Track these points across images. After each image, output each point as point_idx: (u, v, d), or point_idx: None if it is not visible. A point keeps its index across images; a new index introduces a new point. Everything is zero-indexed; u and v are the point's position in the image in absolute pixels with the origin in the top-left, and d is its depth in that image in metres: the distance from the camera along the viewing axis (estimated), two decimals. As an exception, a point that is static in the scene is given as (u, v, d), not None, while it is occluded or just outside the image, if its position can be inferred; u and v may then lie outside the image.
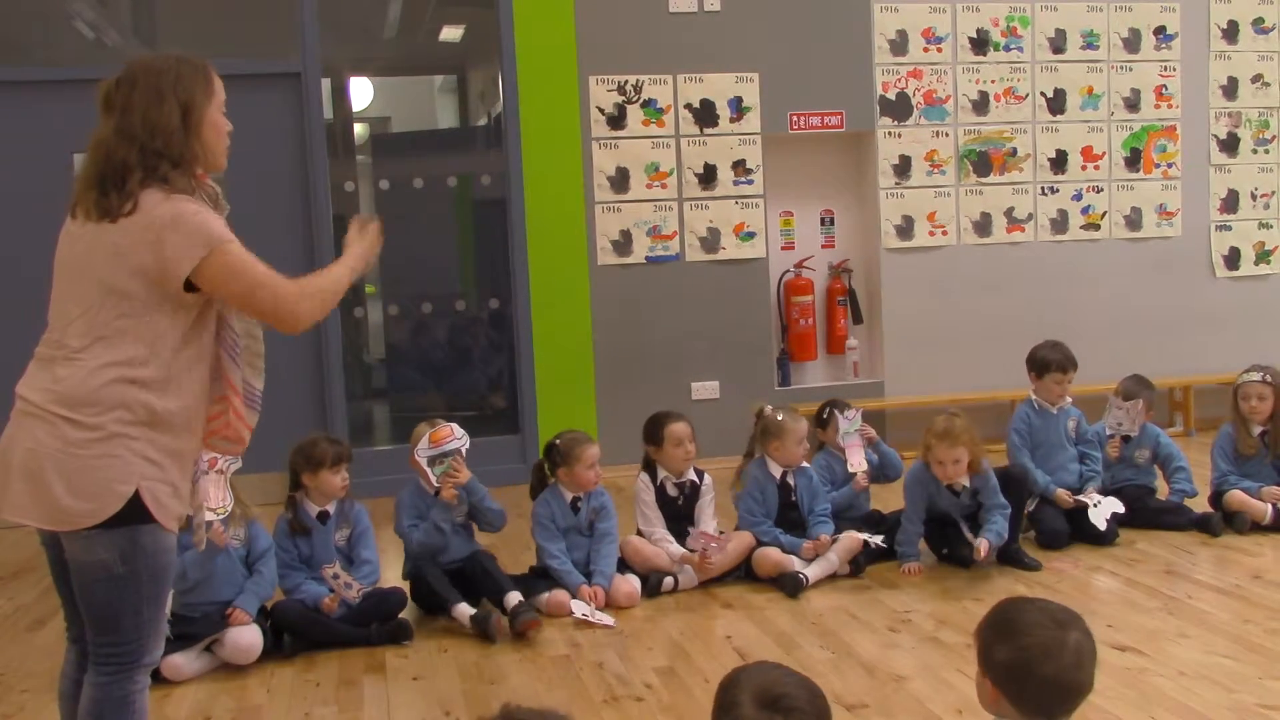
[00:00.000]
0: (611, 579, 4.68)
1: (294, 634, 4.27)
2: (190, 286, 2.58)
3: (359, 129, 8.06)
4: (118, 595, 2.57)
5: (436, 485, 4.57)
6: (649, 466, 5.05)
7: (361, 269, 2.93)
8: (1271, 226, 8.26)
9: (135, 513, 2.53)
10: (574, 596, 4.58)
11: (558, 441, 4.83)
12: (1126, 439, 5.50)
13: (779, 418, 5.04)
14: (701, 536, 4.79)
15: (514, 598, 4.46)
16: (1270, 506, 5.27)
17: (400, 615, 4.42)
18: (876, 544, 4.89)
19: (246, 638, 4.15)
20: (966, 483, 4.94)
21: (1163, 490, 5.53)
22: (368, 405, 7.88)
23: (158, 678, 3.73)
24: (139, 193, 2.57)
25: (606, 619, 4.48)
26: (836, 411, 5.26)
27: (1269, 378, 5.41)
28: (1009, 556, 4.98)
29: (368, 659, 4.21)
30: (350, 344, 7.30)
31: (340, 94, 7.62)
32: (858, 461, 5.16)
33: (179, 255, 2.54)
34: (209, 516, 4.12)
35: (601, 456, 4.87)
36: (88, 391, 2.52)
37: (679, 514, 5.00)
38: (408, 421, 7.69)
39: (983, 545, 4.76)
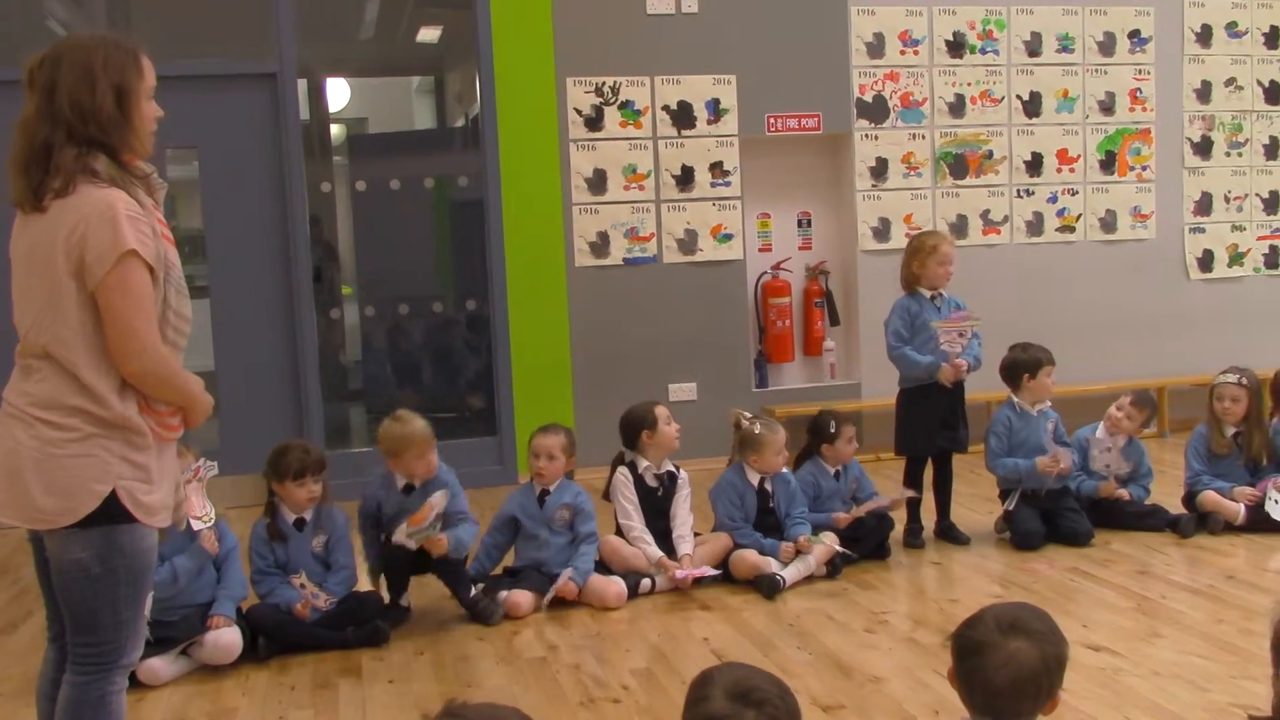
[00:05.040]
0: (586, 576, 4.69)
1: (270, 637, 4.25)
2: None
3: (335, 130, 8.05)
4: (95, 595, 2.56)
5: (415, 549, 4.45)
6: (626, 464, 5.06)
7: (199, 412, 2.72)
8: (1244, 229, 8.32)
9: (113, 512, 2.52)
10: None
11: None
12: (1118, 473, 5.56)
13: (756, 430, 5.03)
14: (698, 571, 4.82)
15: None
16: (1243, 507, 5.32)
17: (376, 619, 4.40)
18: (846, 554, 4.97)
19: (227, 637, 4.15)
20: (945, 292, 5.36)
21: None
22: (344, 407, 7.86)
23: (134, 682, 3.69)
24: (75, 179, 2.50)
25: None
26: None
27: (1245, 380, 5.45)
28: (943, 532, 5.43)
29: (344, 662, 4.20)
30: (326, 345, 7.27)
31: (317, 95, 7.60)
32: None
33: (100, 253, 2.48)
34: (197, 525, 4.13)
35: (578, 458, 4.95)
36: (56, 400, 2.53)
37: (658, 509, 5.00)
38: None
39: (962, 364, 5.23)
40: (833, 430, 5.22)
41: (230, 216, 6.85)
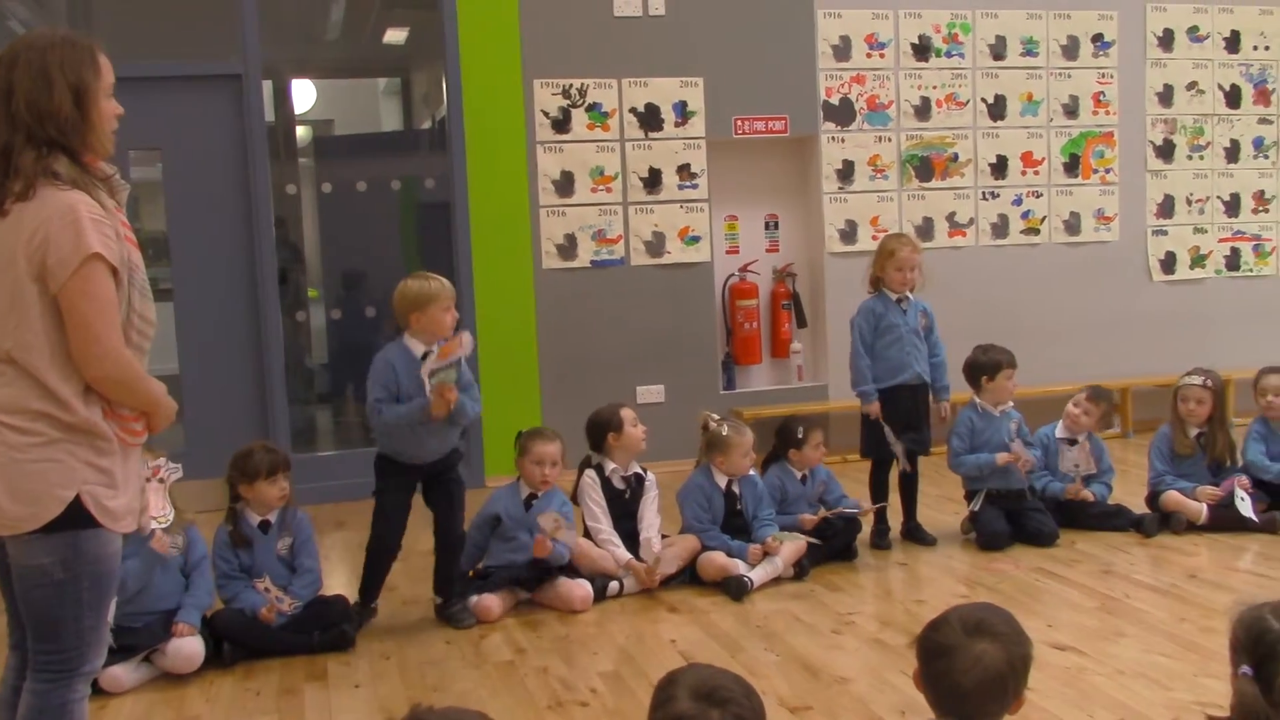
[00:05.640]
0: (562, 557, 4.71)
1: (234, 643, 4.22)
2: None
3: (301, 131, 7.99)
4: (58, 601, 2.53)
5: (429, 396, 4.27)
6: (593, 466, 5.06)
7: (163, 416, 2.69)
8: (1206, 231, 8.41)
9: (77, 518, 2.50)
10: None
11: (521, 432, 4.94)
12: (1086, 476, 5.57)
13: (724, 432, 5.03)
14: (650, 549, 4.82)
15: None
16: (1205, 506, 5.37)
17: (342, 623, 4.37)
18: (814, 543, 4.99)
19: (189, 646, 4.11)
20: (910, 294, 5.35)
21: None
22: (310, 410, 7.80)
23: (96, 689, 3.66)
24: (35, 182, 2.46)
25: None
26: None
27: (1209, 382, 5.50)
28: (909, 533, 5.46)
29: (309, 667, 4.17)
30: (292, 348, 7.22)
31: (282, 96, 7.55)
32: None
33: (62, 257, 2.44)
34: (152, 525, 4.08)
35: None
36: (20, 404, 2.49)
37: (625, 510, 5.00)
38: (350, 427, 7.64)
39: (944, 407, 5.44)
40: (800, 436, 5.22)
41: (194, 219, 6.80)
